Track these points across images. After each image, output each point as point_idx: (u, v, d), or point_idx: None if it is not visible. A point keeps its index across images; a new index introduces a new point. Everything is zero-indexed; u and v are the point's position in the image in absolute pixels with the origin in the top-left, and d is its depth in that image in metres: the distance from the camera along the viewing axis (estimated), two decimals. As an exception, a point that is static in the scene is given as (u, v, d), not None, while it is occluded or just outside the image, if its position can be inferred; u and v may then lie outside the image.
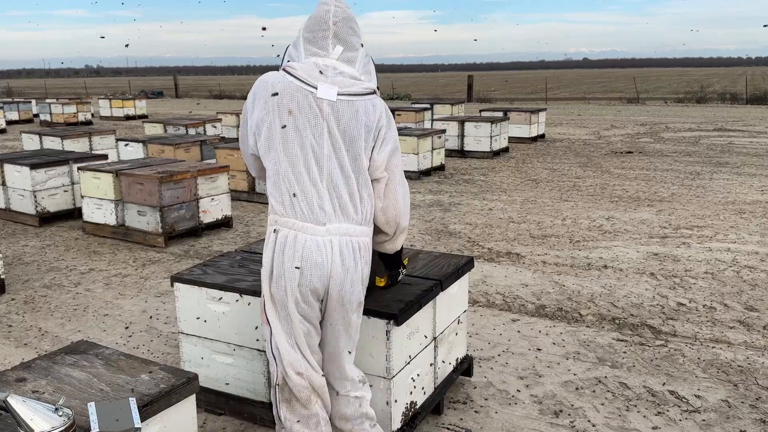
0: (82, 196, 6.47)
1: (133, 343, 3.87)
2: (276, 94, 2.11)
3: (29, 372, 2.03)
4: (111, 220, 6.26)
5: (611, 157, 11.50)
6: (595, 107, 25.62)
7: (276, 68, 2.28)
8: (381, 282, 2.61)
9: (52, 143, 9.51)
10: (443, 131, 10.32)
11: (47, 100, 23.68)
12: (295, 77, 2.11)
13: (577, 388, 3.22)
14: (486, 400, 3.13)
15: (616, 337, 3.84)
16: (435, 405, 2.90)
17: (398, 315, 2.45)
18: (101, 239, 6.30)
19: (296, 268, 2.09)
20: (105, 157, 7.50)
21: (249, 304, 2.74)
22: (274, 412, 2.29)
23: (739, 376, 3.33)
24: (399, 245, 2.40)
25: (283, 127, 2.09)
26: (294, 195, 2.09)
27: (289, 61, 2.23)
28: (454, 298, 3.02)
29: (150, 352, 3.73)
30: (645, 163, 10.66)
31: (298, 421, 2.22)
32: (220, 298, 2.80)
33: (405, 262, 2.69)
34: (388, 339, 2.48)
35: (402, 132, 9.88)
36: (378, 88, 2.25)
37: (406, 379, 2.63)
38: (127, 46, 39.33)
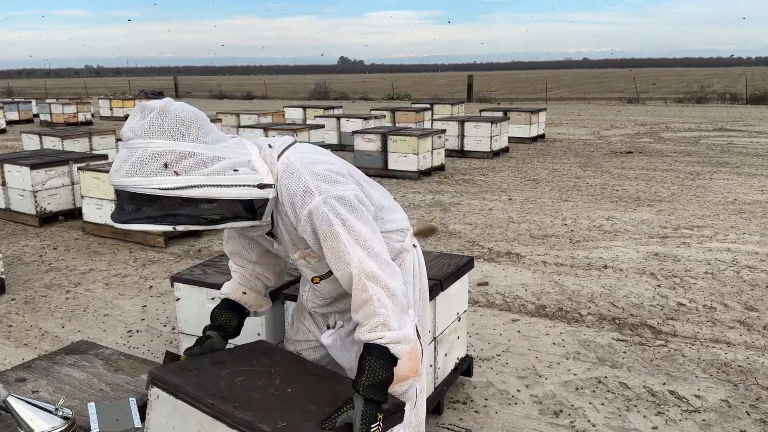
0: (82, 196, 6.47)
1: (133, 343, 3.87)
2: None
3: (29, 372, 2.03)
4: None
5: (611, 157, 11.49)
6: (595, 107, 25.61)
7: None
8: None
9: (52, 143, 9.51)
10: (443, 131, 10.32)
11: (47, 100, 23.67)
12: None
13: (577, 388, 3.22)
14: (486, 400, 3.13)
15: (616, 337, 3.84)
16: (435, 405, 2.90)
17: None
18: (101, 239, 6.29)
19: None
20: (105, 157, 7.50)
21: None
22: None
23: (739, 376, 3.33)
24: None
25: None
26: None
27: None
28: (454, 298, 3.02)
29: (150, 352, 3.73)
30: (645, 163, 10.66)
31: None
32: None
33: None
34: (388, 339, 2.47)
35: (402, 132, 9.89)
36: None
37: (406, 379, 2.63)
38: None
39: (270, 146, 1.71)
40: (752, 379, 3.29)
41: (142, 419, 1.65)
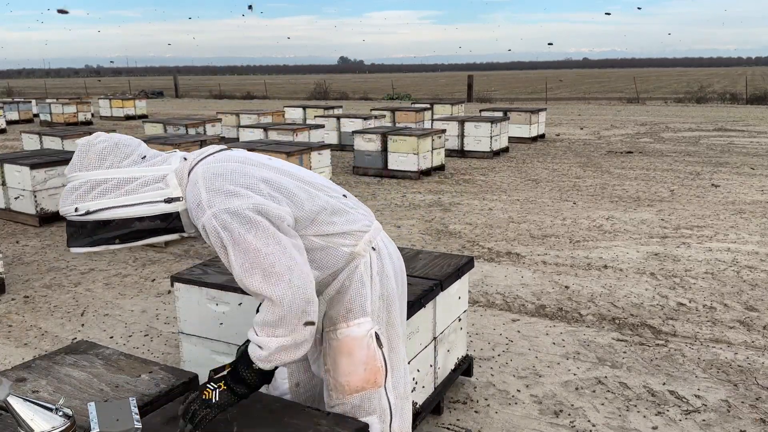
0: (82, 196, 6.46)
1: (133, 343, 3.87)
2: None
3: (29, 372, 2.03)
4: (111, 220, 6.25)
5: (611, 157, 11.49)
6: (595, 107, 25.61)
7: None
8: None
9: (52, 143, 9.52)
10: (443, 131, 10.32)
11: (47, 100, 23.67)
12: None
13: (577, 388, 3.22)
14: (486, 400, 3.13)
15: (616, 337, 3.84)
16: (435, 405, 2.90)
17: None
18: (101, 239, 6.29)
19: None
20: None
21: (240, 304, 2.73)
22: None
23: (739, 376, 3.33)
24: None
25: None
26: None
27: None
28: (454, 298, 3.02)
29: (150, 352, 3.73)
30: (645, 163, 10.66)
31: None
32: (215, 299, 2.80)
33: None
34: (388, 339, 2.47)
35: (402, 132, 9.89)
36: None
37: (406, 379, 2.63)
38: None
39: (185, 158, 1.75)
40: (752, 379, 3.29)
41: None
